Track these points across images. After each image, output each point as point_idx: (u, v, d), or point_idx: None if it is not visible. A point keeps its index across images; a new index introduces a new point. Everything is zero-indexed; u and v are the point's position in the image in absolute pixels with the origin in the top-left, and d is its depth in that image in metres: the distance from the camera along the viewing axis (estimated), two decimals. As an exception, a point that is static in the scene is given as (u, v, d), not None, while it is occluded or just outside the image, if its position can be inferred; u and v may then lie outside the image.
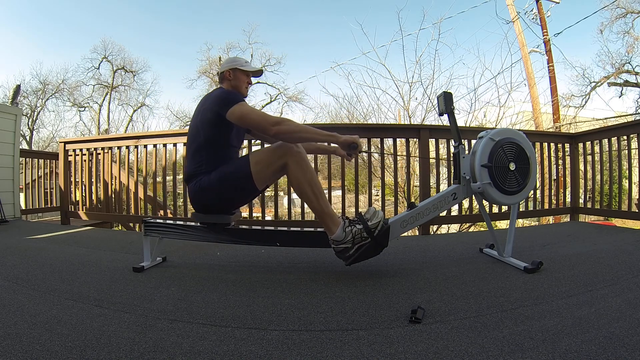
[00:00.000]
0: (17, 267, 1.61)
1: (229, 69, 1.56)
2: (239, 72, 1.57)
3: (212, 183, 1.42)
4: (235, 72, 1.57)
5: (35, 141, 16.67)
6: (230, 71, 1.56)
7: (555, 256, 1.71)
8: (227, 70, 1.57)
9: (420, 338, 0.90)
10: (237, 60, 1.59)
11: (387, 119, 6.32)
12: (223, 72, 1.58)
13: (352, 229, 1.36)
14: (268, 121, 1.36)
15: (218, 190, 1.42)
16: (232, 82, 1.57)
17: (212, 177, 1.43)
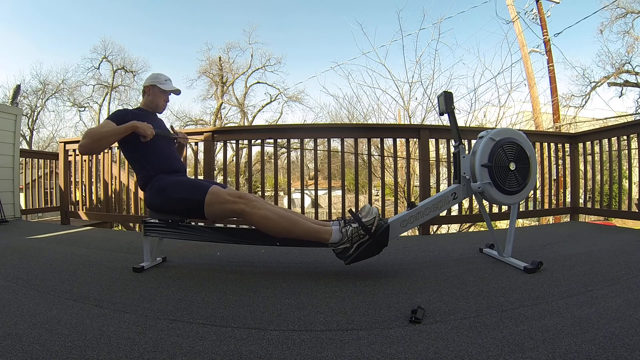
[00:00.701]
0: (17, 267, 1.61)
1: (150, 84, 1.68)
2: (157, 89, 1.68)
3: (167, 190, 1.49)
4: (154, 88, 1.68)
5: (35, 141, 16.69)
6: (150, 87, 1.68)
7: (555, 256, 1.71)
8: (147, 86, 1.69)
9: (420, 338, 0.90)
10: (158, 77, 1.70)
11: (387, 119, 6.33)
12: (144, 86, 1.70)
13: (348, 228, 1.36)
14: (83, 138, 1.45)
15: (170, 200, 1.48)
16: (150, 97, 1.69)
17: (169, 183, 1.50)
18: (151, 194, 1.53)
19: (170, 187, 1.49)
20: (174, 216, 1.54)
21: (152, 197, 1.53)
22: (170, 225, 1.56)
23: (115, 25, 27.34)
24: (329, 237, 1.38)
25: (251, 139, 2.80)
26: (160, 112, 1.74)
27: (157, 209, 1.55)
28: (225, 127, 12.31)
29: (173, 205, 1.48)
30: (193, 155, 10.56)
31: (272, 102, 17.61)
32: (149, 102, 1.69)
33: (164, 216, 1.56)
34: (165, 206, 1.51)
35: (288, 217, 1.40)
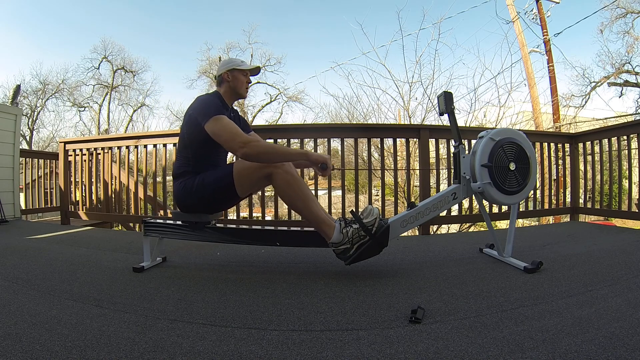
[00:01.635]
0: (17, 267, 1.61)
1: (227, 70, 1.53)
2: (237, 72, 1.54)
3: (196, 187, 1.44)
4: (233, 72, 1.53)
5: (35, 141, 16.68)
6: (228, 72, 1.53)
7: (555, 256, 1.71)
8: (225, 72, 1.54)
9: (420, 338, 0.90)
10: (233, 61, 1.57)
11: (387, 119, 6.33)
12: (221, 74, 1.55)
13: (349, 229, 1.36)
14: (236, 141, 1.35)
15: (201, 194, 1.44)
16: (231, 84, 1.54)
17: (197, 181, 1.45)
18: (183, 191, 1.47)
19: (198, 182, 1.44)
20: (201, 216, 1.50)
21: (183, 194, 1.47)
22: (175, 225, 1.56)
23: (115, 25, 27.37)
24: (331, 233, 1.37)
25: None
26: (244, 97, 1.60)
27: (187, 207, 1.50)
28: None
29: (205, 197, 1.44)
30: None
31: (272, 102, 17.62)
32: (230, 89, 1.54)
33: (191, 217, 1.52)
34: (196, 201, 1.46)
35: (308, 195, 1.39)
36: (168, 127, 16.98)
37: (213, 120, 1.37)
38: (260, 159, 1.38)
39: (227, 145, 1.37)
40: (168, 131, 3.17)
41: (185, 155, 1.49)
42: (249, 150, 1.33)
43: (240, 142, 1.34)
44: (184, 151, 1.50)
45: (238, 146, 1.34)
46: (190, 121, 1.44)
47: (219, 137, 1.37)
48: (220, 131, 1.37)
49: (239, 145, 1.34)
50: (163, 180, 3.53)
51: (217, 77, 1.58)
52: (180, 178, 1.49)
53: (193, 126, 1.43)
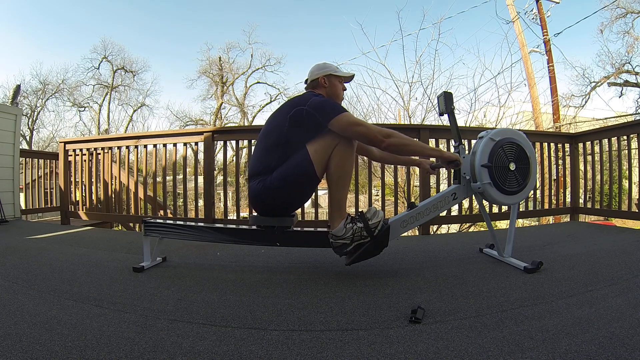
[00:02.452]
0: (17, 267, 1.61)
1: (324, 75, 1.52)
2: (333, 78, 1.54)
3: (277, 181, 1.38)
4: (330, 78, 1.53)
5: (35, 141, 16.69)
6: (325, 78, 1.53)
7: (555, 256, 1.71)
8: (322, 77, 1.52)
9: (420, 338, 0.90)
10: (329, 66, 1.55)
11: (387, 119, 6.33)
12: (317, 78, 1.53)
13: (353, 226, 1.36)
14: (380, 133, 1.36)
15: (283, 187, 1.38)
16: (328, 89, 1.53)
17: (275, 175, 1.39)
18: (264, 190, 1.40)
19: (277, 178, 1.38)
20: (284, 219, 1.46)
21: (263, 194, 1.41)
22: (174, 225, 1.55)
23: (115, 25, 27.37)
24: (338, 224, 1.37)
25: (251, 139, 2.79)
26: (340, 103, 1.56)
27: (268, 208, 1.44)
28: (225, 127, 12.31)
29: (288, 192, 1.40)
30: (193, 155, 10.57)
31: (272, 102, 17.61)
32: (327, 95, 1.52)
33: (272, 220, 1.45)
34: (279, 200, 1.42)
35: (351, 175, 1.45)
36: (168, 127, 16.99)
37: (345, 115, 1.36)
38: (402, 151, 1.43)
39: (367, 136, 1.37)
40: (168, 131, 3.18)
41: (273, 154, 1.41)
42: (394, 141, 1.36)
43: (384, 133, 1.36)
44: (272, 151, 1.42)
45: (382, 136, 1.36)
46: (300, 120, 1.38)
47: (355, 129, 1.36)
48: (357, 124, 1.37)
49: (384, 135, 1.36)
50: (163, 180, 3.53)
51: (310, 81, 1.56)
52: (259, 177, 1.42)
53: (303, 125, 1.38)
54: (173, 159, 3.05)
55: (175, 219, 2.96)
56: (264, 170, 1.41)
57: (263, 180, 1.40)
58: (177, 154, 3.02)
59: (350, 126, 1.36)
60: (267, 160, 1.42)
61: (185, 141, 2.94)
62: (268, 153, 1.43)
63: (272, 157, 1.41)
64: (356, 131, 1.37)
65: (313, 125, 1.38)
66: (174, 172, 3.02)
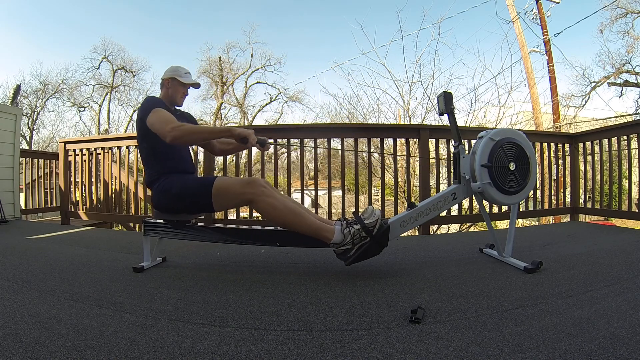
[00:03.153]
0: (17, 267, 1.61)
1: (169, 77, 1.63)
2: (176, 82, 1.63)
3: (176, 189, 1.47)
4: (173, 81, 1.63)
5: (35, 141, 16.67)
6: (169, 80, 1.63)
7: (555, 256, 1.71)
8: (166, 78, 1.63)
9: (420, 338, 0.90)
10: (177, 70, 1.65)
11: (387, 119, 6.33)
12: (162, 79, 1.65)
13: (351, 230, 1.36)
14: (165, 128, 1.40)
15: (177, 198, 1.47)
16: (169, 91, 1.63)
17: (176, 182, 1.48)
18: (157, 194, 1.52)
19: (176, 186, 1.47)
20: (181, 215, 1.54)
21: (158, 197, 1.52)
22: (175, 225, 1.56)
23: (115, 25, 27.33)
24: (331, 236, 1.37)
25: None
26: (179, 105, 1.69)
27: (163, 209, 1.54)
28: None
29: (180, 203, 1.47)
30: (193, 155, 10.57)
31: (272, 102, 17.62)
32: (168, 95, 1.64)
33: (170, 216, 1.55)
34: (173, 205, 1.50)
35: (295, 210, 1.40)
36: (168, 127, 16.93)
37: (152, 113, 1.45)
38: (187, 140, 1.48)
39: (160, 132, 1.42)
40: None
41: (151, 163, 1.55)
42: (176, 133, 1.38)
43: (169, 128, 1.39)
44: (147, 160, 1.56)
45: (167, 131, 1.39)
46: (141, 125, 1.50)
47: (153, 126, 1.44)
48: (154, 120, 1.44)
49: (168, 130, 1.39)
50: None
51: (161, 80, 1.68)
52: (155, 184, 1.53)
53: (143, 131, 1.50)
54: (173, 159, 3.04)
55: (175, 219, 2.96)
56: (154, 181, 1.53)
57: (160, 186, 1.51)
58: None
59: (151, 124, 1.44)
60: (150, 173, 1.55)
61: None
62: (146, 167, 1.57)
63: (150, 170, 1.55)
64: (153, 128, 1.44)
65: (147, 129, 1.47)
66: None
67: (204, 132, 1.52)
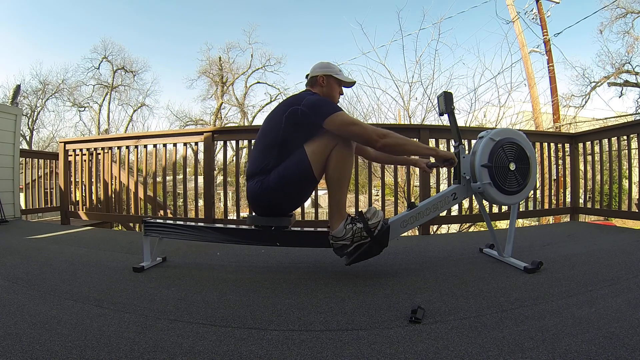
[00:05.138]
0: (17, 267, 1.61)
1: (324, 74, 1.51)
2: (332, 80, 1.52)
3: (275, 182, 1.38)
4: (329, 79, 1.52)
5: (35, 141, 16.68)
6: (325, 77, 1.51)
7: (555, 256, 1.71)
8: (321, 76, 1.51)
9: (420, 338, 0.90)
10: (331, 67, 1.54)
11: (387, 119, 6.32)
12: (316, 76, 1.52)
13: (353, 227, 1.36)
14: (376, 133, 1.35)
15: (281, 188, 1.38)
16: (325, 89, 1.52)
17: (272, 176, 1.39)
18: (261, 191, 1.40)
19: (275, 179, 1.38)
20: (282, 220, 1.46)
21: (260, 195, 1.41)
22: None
23: (115, 25, 27.36)
24: (338, 225, 1.36)
25: (251, 139, 2.79)
26: None
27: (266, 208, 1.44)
28: (225, 127, 12.31)
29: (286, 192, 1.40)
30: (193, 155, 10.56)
31: (272, 102, 17.57)
32: (323, 94, 1.50)
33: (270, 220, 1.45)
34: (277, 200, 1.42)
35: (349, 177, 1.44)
36: (168, 127, 16.99)
37: (340, 114, 1.36)
38: (397, 151, 1.43)
39: (363, 136, 1.36)
40: (168, 131, 3.18)
41: (270, 154, 1.41)
42: (390, 140, 1.36)
43: (380, 133, 1.36)
44: (268, 151, 1.42)
45: (378, 136, 1.36)
46: (295, 119, 1.38)
47: (351, 129, 1.36)
48: (352, 123, 1.37)
49: (379, 135, 1.36)
50: (163, 180, 3.52)
51: (309, 77, 1.55)
52: (256, 177, 1.42)
53: (298, 124, 1.38)
54: (173, 159, 3.05)
55: (175, 219, 2.96)
56: (262, 171, 1.41)
57: (260, 180, 1.40)
58: (177, 154, 3.02)
59: (345, 126, 1.36)
60: (264, 161, 1.41)
61: (185, 141, 2.94)
62: (265, 153, 1.42)
63: (269, 158, 1.41)
64: (351, 131, 1.36)
65: (308, 125, 1.38)
66: (174, 172, 3.02)
67: (413, 145, 1.48)
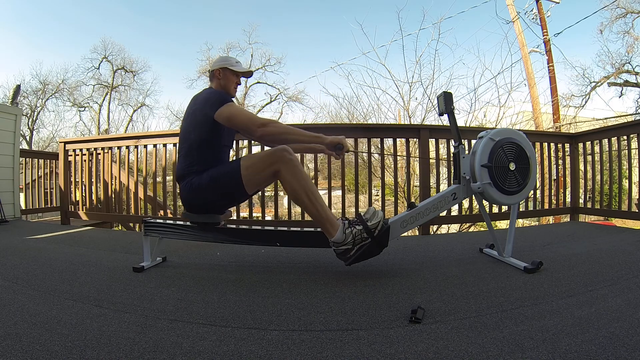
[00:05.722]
0: (17, 267, 1.61)
1: (220, 67, 1.57)
2: (228, 72, 1.58)
3: (203, 184, 1.42)
4: (225, 71, 1.58)
5: (35, 141, 16.67)
6: (221, 70, 1.58)
7: (555, 256, 1.71)
8: (217, 69, 1.58)
9: (420, 338, 0.90)
10: (228, 59, 1.60)
11: (387, 119, 6.33)
12: (213, 70, 1.59)
13: (352, 230, 1.36)
14: (254, 123, 1.37)
15: (208, 192, 1.43)
16: (222, 81, 1.58)
17: (203, 178, 1.43)
18: (191, 192, 1.45)
19: (205, 179, 1.42)
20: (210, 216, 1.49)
21: (190, 196, 1.46)
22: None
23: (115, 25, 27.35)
24: (334, 232, 1.36)
25: (251, 138, 2.79)
26: (232, 97, 1.61)
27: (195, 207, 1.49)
28: (225, 127, 12.25)
29: (214, 198, 1.44)
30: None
31: (272, 102, 17.59)
32: (220, 87, 1.58)
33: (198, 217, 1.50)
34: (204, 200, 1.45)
35: (314, 190, 1.38)
36: (168, 127, 16.98)
37: (227, 106, 1.39)
38: (276, 140, 1.40)
39: (245, 126, 1.38)
40: (168, 131, 3.17)
41: (191, 157, 1.47)
42: (268, 130, 1.35)
43: (259, 123, 1.35)
44: (189, 154, 1.48)
45: (257, 126, 1.35)
46: (196, 119, 1.45)
47: (236, 119, 1.38)
48: (237, 114, 1.39)
49: (258, 125, 1.35)
50: (163, 180, 3.53)
51: (209, 72, 1.62)
52: (186, 178, 1.47)
53: (200, 123, 1.44)
54: (173, 159, 3.05)
55: (175, 219, 2.96)
56: (188, 173, 1.47)
57: (190, 182, 1.46)
58: (177, 154, 3.01)
59: (231, 117, 1.38)
60: (188, 164, 1.47)
61: (185, 141, 2.93)
62: (187, 157, 1.48)
63: (192, 160, 1.47)
64: (234, 122, 1.39)
65: (207, 122, 1.42)
66: (174, 172, 3.01)
67: (296, 133, 1.41)
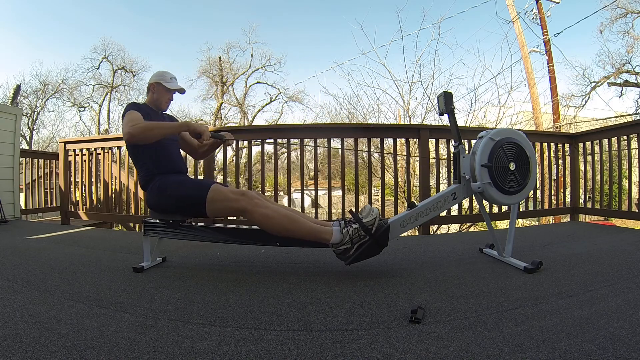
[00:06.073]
0: (17, 267, 1.61)
1: (154, 82, 1.66)
2: (162, 87, 1.66)
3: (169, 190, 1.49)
4: (159, 86, 1.66)
5: (35, 141, 16.67)
6: (155, 84, 1.66)
7: (555, 256, 1.71)
8: (152, 83, 1.67)
9: (420, 338, 0.90)
10: (163, 75, 1.67)
11: (387, 119, 6.33)
12: (149, 83, 1.68)
13: (349, 229, 1.36)
14: (124, 130, 1.43)
15: (172, 199, 1.49)
16: (154, 95, 1.67)
17: (170, 183, 1.50)
18: (152, 194, 1.54)
19: (171, 187, 1.49)
20: (175, 216, 1.54)
21: (153, 197, 1.54)
22: (171, 225, 1.56)
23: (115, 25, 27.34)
24: (329, 237, 1.37)
25: (251, 139, 2.80)
26: (163, 110, 1.72)
27: (158, 209, 1.55)
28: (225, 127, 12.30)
29: (175, 204, 1.49)
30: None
31: (272, 102, 17.59)
32: (153, 99, 1.68)
33: (165, 216, 1.56)
34: (167, 206, 1.51)
35: (290, 216, 1.40)
36: (168, 127, 16.91)
37: (125, 116, 1.48)
38: (145, 137, 1.45)
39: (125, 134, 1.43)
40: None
41: (141, 163, 1.57)
42: (132, 130, 1.41)
43: (129, 126, 1.41)
44: (137, 160, 1.58)
45: (125, 132, 1.42)
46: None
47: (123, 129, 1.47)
48: (123, 123, 1.47)
49: (126, 131, 1.41)
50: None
51: (147, 84, 1.71)
52: (149, 184, 1.55)
53: None
54: (173, 159, 3.05)
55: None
56: (148, 181, 1.55)
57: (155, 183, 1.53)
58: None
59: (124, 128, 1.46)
60: (144, 174, 1.56)
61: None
62: (141, 169, 1.57)
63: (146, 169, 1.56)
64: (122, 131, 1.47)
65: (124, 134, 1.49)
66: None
67: (161, 127, 1.48)
